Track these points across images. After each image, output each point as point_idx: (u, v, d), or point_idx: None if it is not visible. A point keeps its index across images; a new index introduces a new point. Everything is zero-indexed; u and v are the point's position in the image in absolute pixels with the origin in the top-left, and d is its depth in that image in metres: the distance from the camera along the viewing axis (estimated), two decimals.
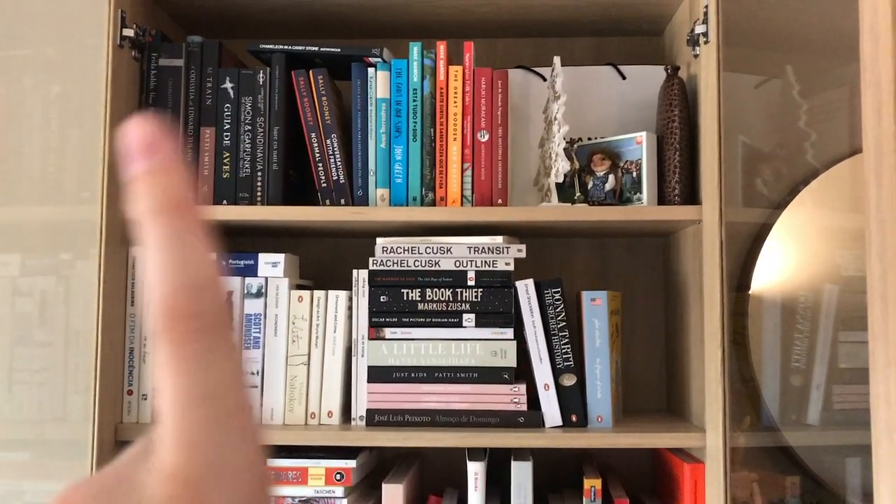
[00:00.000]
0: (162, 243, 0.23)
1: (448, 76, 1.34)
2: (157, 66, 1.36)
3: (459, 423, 1.29)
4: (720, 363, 1.22)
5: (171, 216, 0.24)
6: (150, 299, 0.23)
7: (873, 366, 0.87)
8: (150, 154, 0.24)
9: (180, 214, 0.24)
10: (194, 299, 0.23)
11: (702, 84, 1.28)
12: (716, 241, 1.24)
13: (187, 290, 0.23)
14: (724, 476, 1.21)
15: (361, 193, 1.34)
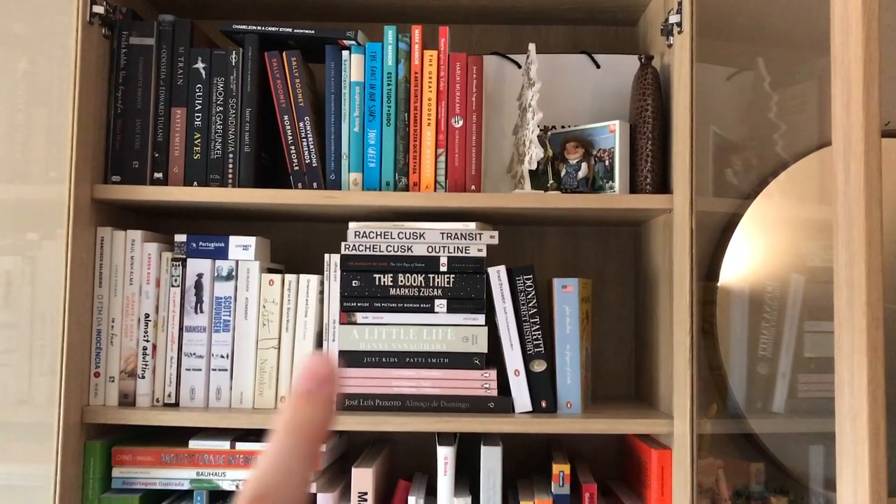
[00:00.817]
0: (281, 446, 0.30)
1: (423, 61, 1.33)
2: (127, 45, 1.34)
3: (430, 408, 1.30)
4: (688, 351, 1.24)
5: (303, 437, 0.31)
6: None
7: (838, 352, 0.89)
8: (317, 386, 0.32)
9: (309, 439, 0.31)
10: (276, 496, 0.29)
11: (675, 74, 1.29)
12: (686, 230, 1.25)
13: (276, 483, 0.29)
14: (691, 462, 1.23)
15: (334, 177, 1.33)
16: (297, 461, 0.30)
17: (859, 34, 0.89)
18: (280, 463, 0.30)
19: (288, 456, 0.30)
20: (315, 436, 0.31)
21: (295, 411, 0.32)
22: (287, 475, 0.30)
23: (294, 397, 0.32)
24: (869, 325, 0.83)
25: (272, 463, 0.30)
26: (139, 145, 1.33)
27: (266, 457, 0.31)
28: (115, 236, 1.32)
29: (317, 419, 0.32)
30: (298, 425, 0.31)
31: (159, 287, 1.33)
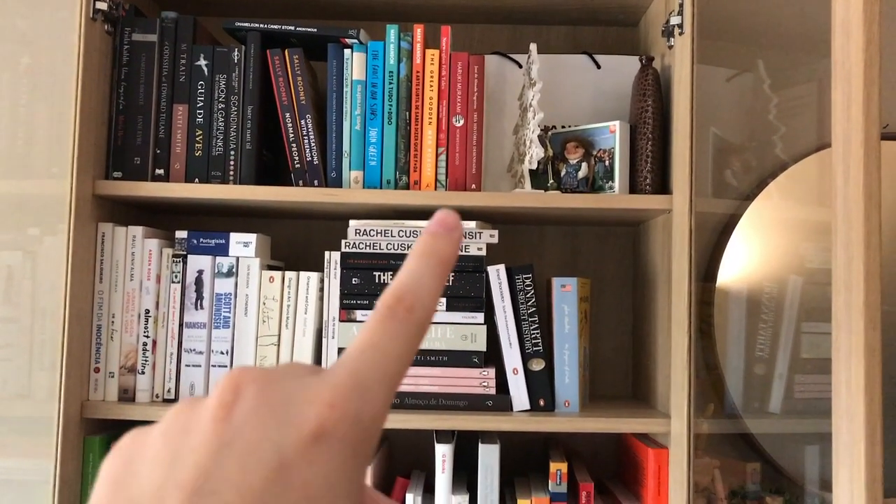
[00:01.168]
0: (416, 264, 0.31)
1: (424, 60, 1.34)
2: (130, 41, 1.34)
3: (428, 406, 1.30)
4: (686, 351, 1.24)
5: (434, 261, 0.31)
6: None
7: (836, 354, 0.89)
8: (445, 230, 0.32)
9: (440, 264, 0.31)
10: (414, 297, 0.30)
11: (675, 75, 1.30)
12: (685, 230, 1.26)
13: (413, 288, 0.30)
14: (688, 462, 1.24)
15: (335, 175, 1.33)
16: (430, 277, 0.30)
17: (860, 38, 0.90)
18: (416, 273, 0.30)
19: (422, 272, 0.31)
20: (445, 263, 0.31)
21: (427, 242, 0.32)
22: (421, 285, 0.30)
23: (427, 234, 0.32)
24: (866, 326, 0.84)
25: (410, 272, 0.31)
26: (141, 141, 1.33)
27: (404, 269, 0.31)
28: (116, 232, 1.33)
29: (447, 251, 0.32)
30: (431, 252, 0.31)
31: (160, 283, 1.33)
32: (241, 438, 0.25)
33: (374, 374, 0.27)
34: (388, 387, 0.28)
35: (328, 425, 0.25)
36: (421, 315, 0.29)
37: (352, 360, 0.28)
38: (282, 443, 0.25)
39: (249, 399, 0.25)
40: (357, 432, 0.26)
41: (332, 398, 0.26)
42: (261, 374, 0.27)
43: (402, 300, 0.29)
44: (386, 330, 0.28)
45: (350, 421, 0.26)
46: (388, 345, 0.28)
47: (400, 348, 0.28)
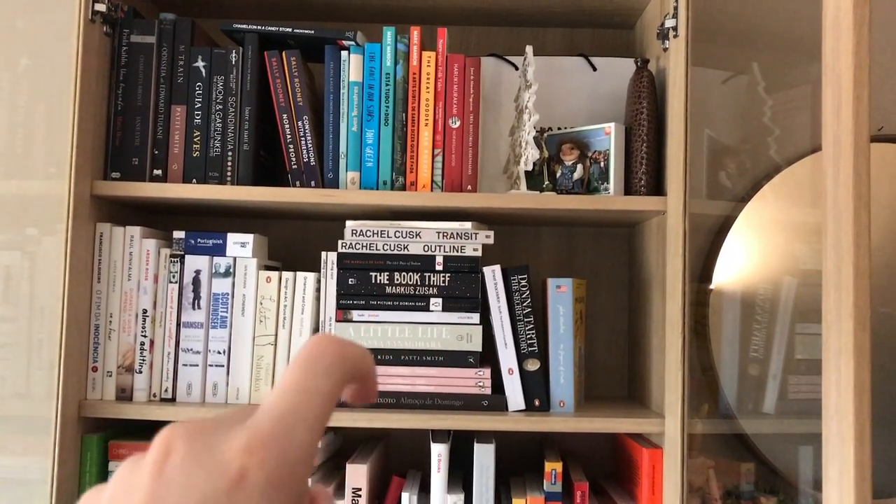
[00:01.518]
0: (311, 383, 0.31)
1: (421, 61, 1.35)
2: (128, 43, 1.35)
3: (424, 406, 1.31)
4: (680, 352, 1.25)
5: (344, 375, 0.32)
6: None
7: (826, 354, 0.90)
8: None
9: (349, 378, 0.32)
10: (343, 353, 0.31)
11: (670, 77, 1.31)
12: (679, 232, 1.26)
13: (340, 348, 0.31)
14: (682, 462, 1.24)
15: (332, 176, 1.34)
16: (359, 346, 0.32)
17: (850, 41, 0.91)
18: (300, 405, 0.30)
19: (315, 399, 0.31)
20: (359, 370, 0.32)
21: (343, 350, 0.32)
22: (351, 345, 0.32)
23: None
24: (856, 327, 0.84)
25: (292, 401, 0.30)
26: (139, 142, 1.34)
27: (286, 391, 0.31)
28: (114, 232, 1.33)
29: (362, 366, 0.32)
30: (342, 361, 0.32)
31: (157, 283, 1.34)
32: (172, 491, 0.26)
33: (298, 417, 0.28)
34: (311, 426, 0.29)
35: (249, 471, 0.27)
36: (351, 366, 0.31)
37: (274, 404, 0.29)
38: (207, 490, 0.26)
39: (179, 453, 0.27)
40: (282, 472, 0.27)
41: (252, 445, 0.27)
42: (190, 428, 0.28)
43: (342, 344, 0.31)
44: (315, 373, 0.30)
45: (273, 464, 0.27)
46: (314, 388, 0.29)
47: (327, 394, 0.30)
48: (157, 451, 0.28)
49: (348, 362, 0.31)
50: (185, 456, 0.27)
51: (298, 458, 0.28)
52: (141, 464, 0.28)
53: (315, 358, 0.30)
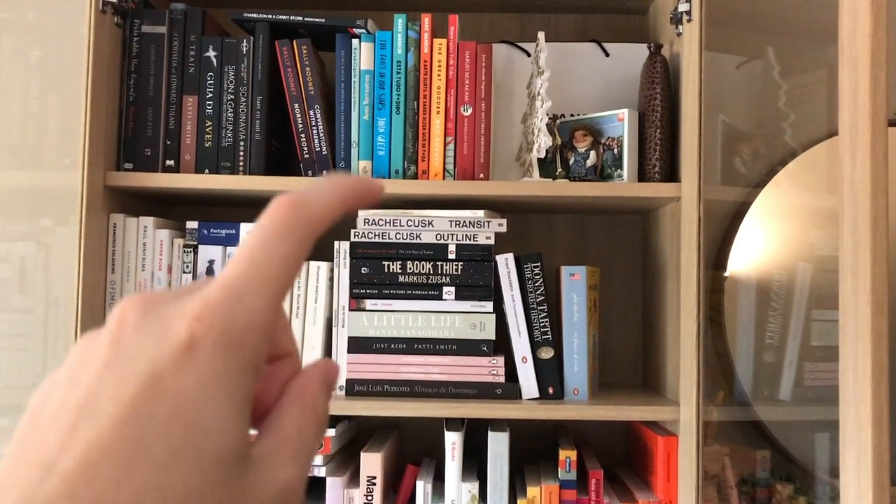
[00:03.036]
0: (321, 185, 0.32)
1: (432, 49, 1.34)
2: (139, 33, 1.35)
3: (438, 394, 1.31)
4: (695, 339, 1.24)
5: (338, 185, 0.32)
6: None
7: (843, 340, 0.89)
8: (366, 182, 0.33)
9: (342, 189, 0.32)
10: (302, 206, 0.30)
11: (684, 63, 1.30)
12: (694, 218, 1.25)
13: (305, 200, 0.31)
14: (697, 449, 1.24)
15: (344, 165, 1.34)
16: (328, 194, 0.31)
17: (867, 23, 0.90)
18: (315, 190, 0.31)
19: (322, 190, 0.31)
20: (349, 196, 0.32)
21: (344, 178, 0.32)
22: (315, 198, 0.31)
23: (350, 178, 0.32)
24: (874, 312, 0.84)
25: (310, 189, 0.31)
26: (151, 133, 1.34)
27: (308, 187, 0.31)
28: (127, 223, 1.34)
29: (357, 190, 0.32)
30: (341, 183, 0.31)
31: (171, 273, 1.34)
32: (121, 357, 0.27)
33: (250, 283, 0.28)
34: (268, 293, 0.28)
35: (197, 336, 0.27)
36: (308, 229, 0.30)
37: (226, 273, 0.29)
38: (155, 356, 0.26)
39: (131, 322, 0.28)
40: (231, 337, 0.27)
41: (201, 311, 0.27)
42: (145, 298, 0.29)
43: (295, 208, 0.30)
44: (268, 241, 0.29)
45: (219, 330, 0.27)
46: (267, 256, 0.29)
47: (282, 259, 0.29)
48: (112, 321, 0.28)
49: (308, 223, 0.30)
50: (138, 324, 0.27)
51: (250, 323, 0.28)
52: (98, 334, 0.28)
53: (268, 224, 0.30)
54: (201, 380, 0.27)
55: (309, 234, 0.30)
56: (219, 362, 0.27)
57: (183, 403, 0.26)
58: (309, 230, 0.30)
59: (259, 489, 0.28)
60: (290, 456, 0.30)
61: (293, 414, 0.31)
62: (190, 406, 0.26)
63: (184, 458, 0.26)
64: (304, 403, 0.31)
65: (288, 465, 0.29)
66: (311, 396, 0.31)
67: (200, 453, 0.26)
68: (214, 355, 0.27)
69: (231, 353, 0.27)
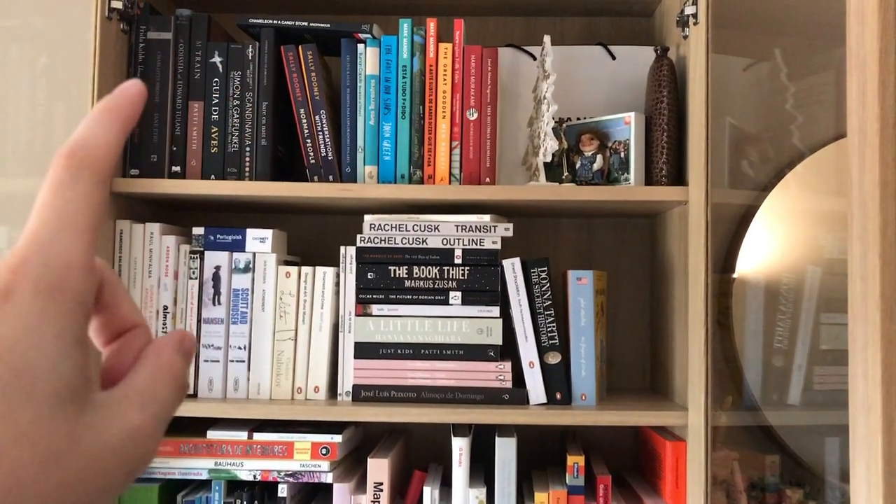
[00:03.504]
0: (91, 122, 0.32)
1: (438, 53, 1.34)
2: (145, 39, 1.35)
3: (445, 400, 1.30)
4: (703, 343, 1.24)
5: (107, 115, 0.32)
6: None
7: (852, 345, 0.89)
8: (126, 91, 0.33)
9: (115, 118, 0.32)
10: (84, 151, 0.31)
11: (690, 65, 1.29)
12: (701, 222, 1.25)
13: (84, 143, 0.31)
14: (706, 454, 1.23)
15: (350, 170, 1.34)
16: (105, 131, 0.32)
17: (875, 25, 0.89)
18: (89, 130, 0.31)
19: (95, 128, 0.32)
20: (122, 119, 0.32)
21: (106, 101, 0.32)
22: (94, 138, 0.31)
23: (108, 96, 0.33)
24: (883, 317, 0.83)
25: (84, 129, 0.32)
26: (157, 139, 1.34)
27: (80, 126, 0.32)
28: (133, 229, 1.34)
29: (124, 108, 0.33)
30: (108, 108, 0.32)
31: (177, 279, 1.34)
32: None
33: (53, 229, 0.29)
34: (73, 235, 0.29)
35: (11, 286, 0.28)
36: (93, 167, 0.31)
37: (28, 228, 0.30)
38: None
39: None
40: (50, 279, 0.28)
41: (12, 264, 0.28)
42: None
43: (72, 157, 0.31)
44: (58, 189, 0.30)
45: (34, 277, 0.28)
46: (61, 202, 0.30)
47: (76, 201, 0.30)
48: None
49: (90, 163, 0.31)
50: None
51: (65, 264, 0.29)
52: None
53: (53, 177, 0.30)
54: (24, 324, 0.27)
55: (96, 172, 0.31)
56: (40, 305, 0.28)
57: (6, 349, 0.26)
58: (94, 168, 0.31)
59: (103, 429, 0.28)
60: (140, 403, 0.30)
61: (145, 371, 0.31)
62: (14, 350, 0.27)
63: (13, 399, 0.26)
64: (158, 363, 0.32)
65: (137, 410, 0.30)
66: (165, 358, 0.32)
67: (31, 392, 0.26)
68: (34, 300, 0.27)
69: (52, 295, 0.28)
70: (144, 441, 0.29)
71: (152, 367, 0.32)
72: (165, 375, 0.32)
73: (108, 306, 0.33)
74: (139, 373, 0.31)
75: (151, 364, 0.32)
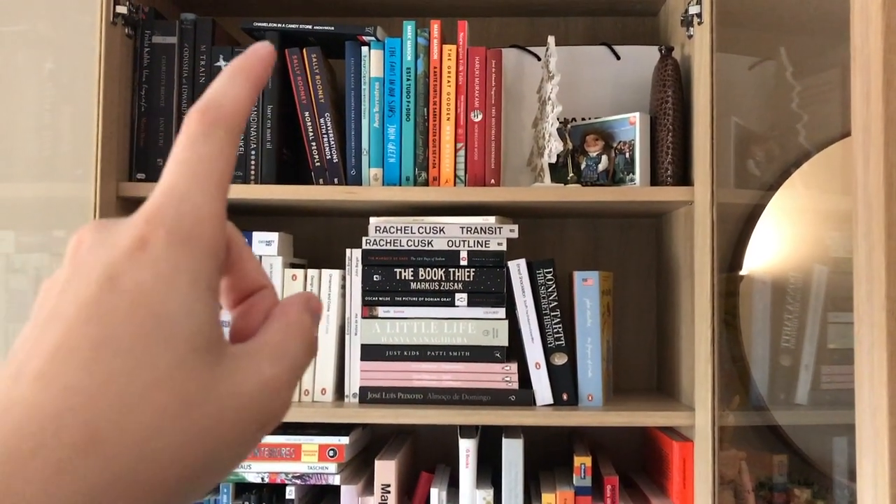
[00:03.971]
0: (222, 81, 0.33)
1: (442, 55, 1.34)
2: (150, 44, 1.35)
3: (451, 401, 1.31)
4: (710, 343, 1.23)
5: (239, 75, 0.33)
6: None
7: (858, 346, 0.88)
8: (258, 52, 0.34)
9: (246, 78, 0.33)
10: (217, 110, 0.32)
11: (695, 65, 1.29)
12: (707, 221, 1.25)
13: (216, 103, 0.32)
14: (713, 454, 1.23)
15: (355, 173, 1.34)
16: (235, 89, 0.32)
17: (879, 23, 0.88)
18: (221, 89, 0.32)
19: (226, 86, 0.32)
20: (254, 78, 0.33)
21: (237, 63, 0.33)
22: (226, 97, 0.32)
23: (238, 57, 0.33)
24: (889, 318, 0.82)
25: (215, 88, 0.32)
26: (163, 143, 1.35)
27: (212, 86, 0.32)
28: None
29: (256, 68, 0.33)
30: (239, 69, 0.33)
31: None
32: (80, 269, 0.28)
33: (188, 183, 0.30)
34: (207, 189, 0.30)
35: (147, 235, 0.28)
36: (226, 125, 0.31)
37: (161, 182, 0.30)
38: (109, 260, 0.28)
39: (87, 242, 0.29)
40: (182, 229, 0.29)
41: (147, 215, 0.29)
42: (97, 223, 0.30)
43: (206, 114, 0.31)
44: (193, 144, 0.31)
45: (169, 226, 0.29)
46: (196, 157, 0.30)
47: (210, 156, 0.31)
48: (70, 247, 0.30)
49: (223, 120, 0.31)
50: (93, 242, 0.29)
51: (198, 217, 0.29)
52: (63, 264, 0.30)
53: (187, 133, 0.31)
54: (159, 272, 0.28)
55: (229, 130, 0.31)
56: (174, 254, 0.28)
57: (144, 295, 0.27)
58: (227, 126, 0.31)
59: (237, 379, 0.28)
60: (273, 355, 0.30)
61: (276, 327, 0.32)
62: (152, 297, 0.27)
63: (153, 344, 0.26)
64: (288, 320, 0.32)
65: (270, 362, 0.30)
66: (295, 315, 0.33)
67: (170, 337, 0.27)
68: (168, 249, 0.28)
69: (185, 244, 0.29)
70: (279, 393, 0.30)
71: (283, 324, 0.32)
72: (295, 332, 0.32)
73: (234, 267, 0.34)
74: (270, 329, 0.32)
75: (282, 321, 0.32)
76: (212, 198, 0.30)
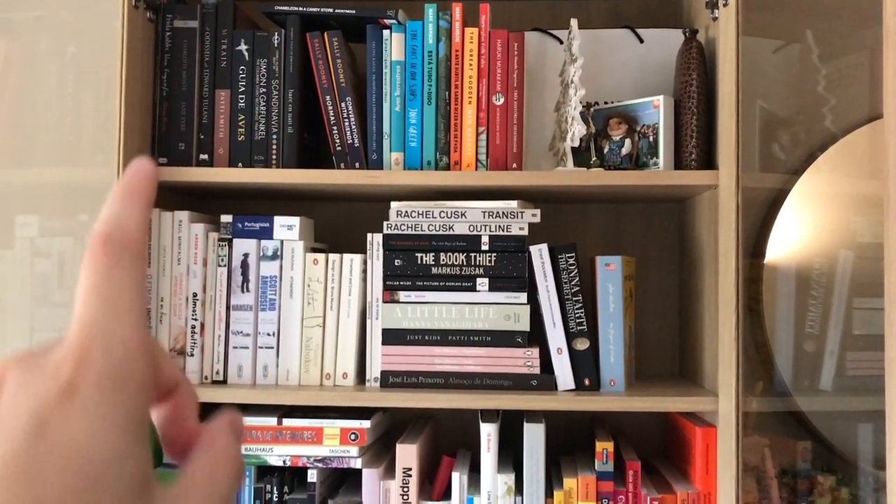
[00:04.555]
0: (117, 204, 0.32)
1: (463, 38, 1.33)
2: (171, 28, 1.35)
3: (473, 386, 1.30)
4: (734, 329, 1.22)
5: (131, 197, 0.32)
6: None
7: (889, 331, 0.87)
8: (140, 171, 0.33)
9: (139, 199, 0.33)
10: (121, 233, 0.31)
11: (720, 48, 1.27)
12: (732, 206, 1.23)
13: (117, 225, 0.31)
14: (736, 441, 1.22)
15: (376, 157, 1.34)
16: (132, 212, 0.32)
17: None
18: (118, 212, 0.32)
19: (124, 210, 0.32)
20: (146, 199, 0.32)
21: (124, 183, 0.33)
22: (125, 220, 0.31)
23: (124, 178, 0.33)
24: None
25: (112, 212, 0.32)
26: (185, 127, 1.35)
27: (106, 209, 0.32)
28: (162, 217, 1.35)
29: (144, 188, 0.33)
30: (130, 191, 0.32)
31: (206, 267, 1.35)
32: (5, 418, 0.27)
33: (108, 317, 0.29)
34: (130, 321, 0.29)
35: (76, 381, 0.27)
36: (133, 250, 0.31)
37: (81, 315, 0.29)
38: (36, 408, 0.26)
39: (10, 381, 0.28)
40: (112, 374, 0.28)
41: (75, 356, 0.28)
42: (18, 356, 0.29)
43: (111, 241, 0.30)
44: (104, 273, 0.30)
45: (99, 369, 0.28)
46: (110, 287, 0.29)
47: (125, 285, 0.30)
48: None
49: (127, 246, 0.31)
50: (16, 381, 0.28)
51: (130, 353, 0.28)
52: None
53: (94, 263, 0.30)
54: (91, 424, 0.27)
55: (136, 255, 0.31)
56: (105, 401, 0.27)
57: (75, 451, 0.26)
58: (133, 251, 0.31)
59: None
60: (204, 495, 0.30)
61: (204, 460, 0.32)
62: (82, 453, 0.26)
63: (85, 499, 0.26)
64: (215, 451, 0.32)
65: (201, 502, 0.30)
66: (221, 444, 0.33)
67: (102, 492, 0.26)
68: (100, 395, 0.27)
69: (116, 388, 0.28)
70: None
71: (210, 457, 0.32)
72: (222, 462, 0.32)
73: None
74: (198, 462, 0.32)
75: (210, 453, 0.32)
76: (137, 329, 0.29)
